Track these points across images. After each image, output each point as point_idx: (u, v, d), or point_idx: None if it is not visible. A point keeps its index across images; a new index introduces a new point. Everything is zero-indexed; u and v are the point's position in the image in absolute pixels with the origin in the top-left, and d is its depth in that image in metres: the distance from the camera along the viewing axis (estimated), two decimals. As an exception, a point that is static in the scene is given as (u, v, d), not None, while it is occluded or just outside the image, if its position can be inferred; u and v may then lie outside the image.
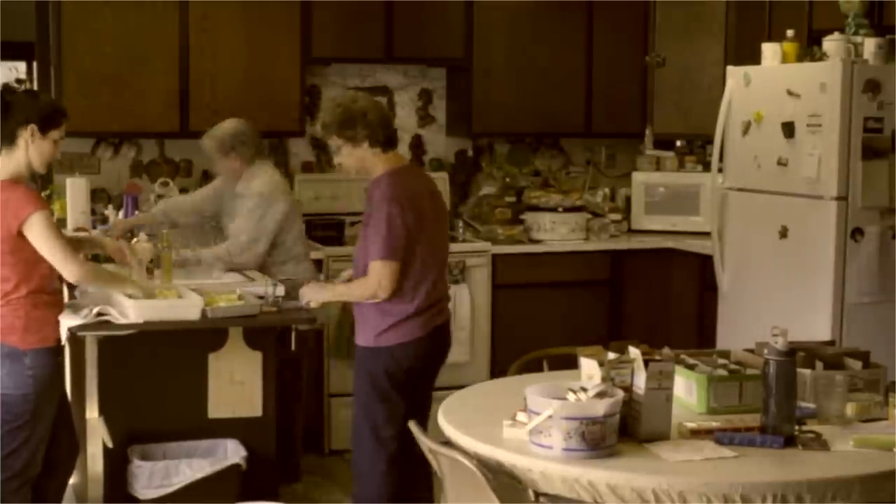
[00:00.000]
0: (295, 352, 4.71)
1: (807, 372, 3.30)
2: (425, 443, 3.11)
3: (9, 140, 3.96)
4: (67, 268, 3.97)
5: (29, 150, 3.97)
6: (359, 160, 4.13)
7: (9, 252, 3.92)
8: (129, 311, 4.18)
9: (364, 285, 4.08)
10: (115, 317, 4.19)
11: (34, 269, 3.96)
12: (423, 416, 4.16)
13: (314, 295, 4.30)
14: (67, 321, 4.11)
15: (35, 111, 3.98)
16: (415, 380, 4.19)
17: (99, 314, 4.18)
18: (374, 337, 4.12)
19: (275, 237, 4.98)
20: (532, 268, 6.17)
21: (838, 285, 5.03)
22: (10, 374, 3.96)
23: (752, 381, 3.25)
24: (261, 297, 4.45)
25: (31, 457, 4.04)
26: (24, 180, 4.03)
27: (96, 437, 4.32)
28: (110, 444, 4.33)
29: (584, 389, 2.99)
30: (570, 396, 2.96)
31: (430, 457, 3.16)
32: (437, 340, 4.22)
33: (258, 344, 4.58)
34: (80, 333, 4.15)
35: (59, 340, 4.08)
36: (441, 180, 6.46)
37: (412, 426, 3.20)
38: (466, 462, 2.92)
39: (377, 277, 4.03)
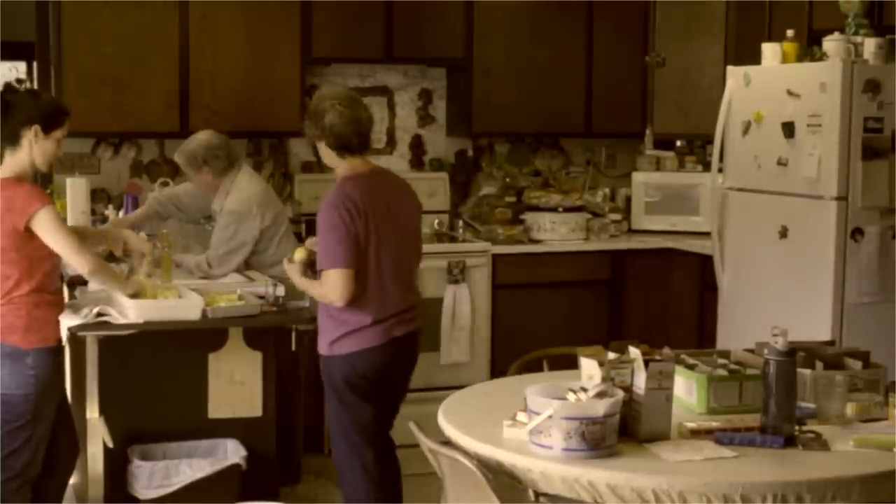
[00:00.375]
0: (294, 351, 4.71)
1: (807, 372, 3.30)
2: (425, 443, 3.11)
3: (12, 140, 3.98)
4: (79, 259, 3.99)
5: (33, 149, 3.99)
6: (324, 155, 4.13)
7: (13, 249, 3.92)
8: (130, 311, 4.18)
9: (321, 292, 4.02)
10: (115, 317, 4.19)
11: (37, 267, 3.97)
12: (389, 424, 4.18)
13: (292, 273, 4.20)
14: (67, 321, 4.11)
15: (38, 111, 4.00)
16: (378, 387, 4.11)
17: (99, 314, 4.19)
18: (329, 345, 4.07)
19: (256, 245, 5.01)
20: (532, 268, 6.17)
21: (838, 285, 5.03)
22: (12, 374, 3.96)
23: (752, 381, 3.25)
24: (261, 297, 4.46)
25: (32, 457, 4.04)
26: (29, 179, 4.04)
27: (96, 437, 4.32)
28: (111, 444, 4.33)
29: (584, 389, 2.99)
30: (570, 396, 2.96)
31: (429, 457, 3.16)
32: (398, 350, 4.11)
33: (258, 344, 4.59)
34: (80, 333, 4.16)
35: (60, 340, 4.08)
36: (441, 180, 6.48)
37: (412, 427, 3.19)
38: (466, 462, 2.92)
39: (331, 286, 3.95)
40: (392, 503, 4.18)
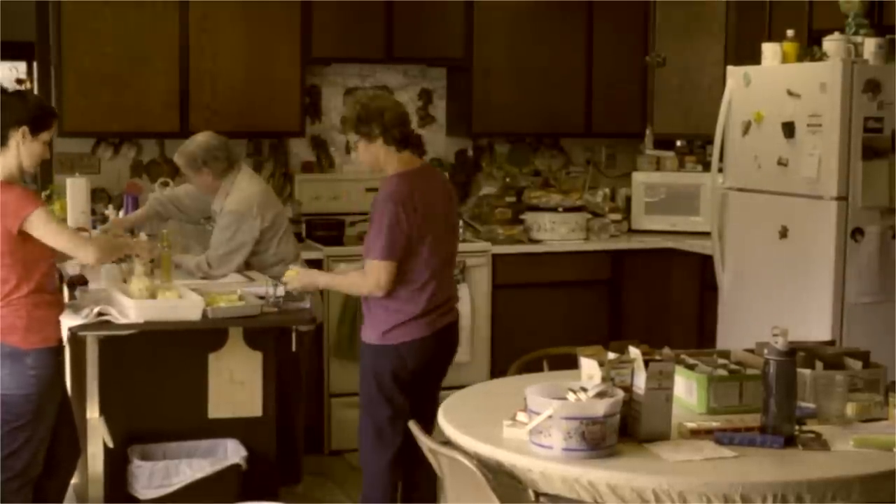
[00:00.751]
0: (295, 352, 4.71)
1: (807, 372, 3.30)
2: (425, 443, 3.11)
3: (2, 142, 3.97)
4: (82, 252, 4.02)
5: (20, 151, 3.98)
6: (373, 156, 4.21)
7: (8, 253, 3.92)
8: (130, 311, 4.18)
9: (360, 281, 4.18)
10: (116, 317, 4.19)
11: (34, 269, 3.97)
12: (428, 417, 4.16)
13: (306, 279, 4.38)
14: (68, 321, 4.11)
15: (26, 113, 3.99)
16: (419, 380, 4.22)
17: (99, 314, 4.18)
18: (382, 335, 4.17)
19: (256, 245, 5.02)
20: (532, 268, 6.17)
21: (838, 285, 5.03)
22: (12, 375, 3.96)
23: (752, 381, 3.25)
24: (261, 298, 4.46)
25: (33, 457, 4.04)
26: (18, 181, 4.03)
27: (97, 437, 4.32)
28: (111, 444, 4.33)
29: (584, 389, 2.99)
30: (570, 396, 2.96)
31: (430, 457, 3.16)
32: (442, 341, 4.26)
33: (258, 344, 4.58)
34: (80, 333, 4.16)
35: (60, 340, 4.08)
36: (441, 180, 6.48)
37: (412, 426, 3.20)
38: (466, 462, 2.92)
39: (375, 276, 4.09)
40: (411, 502, 4.22)
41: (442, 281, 4.22)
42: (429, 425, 4.20)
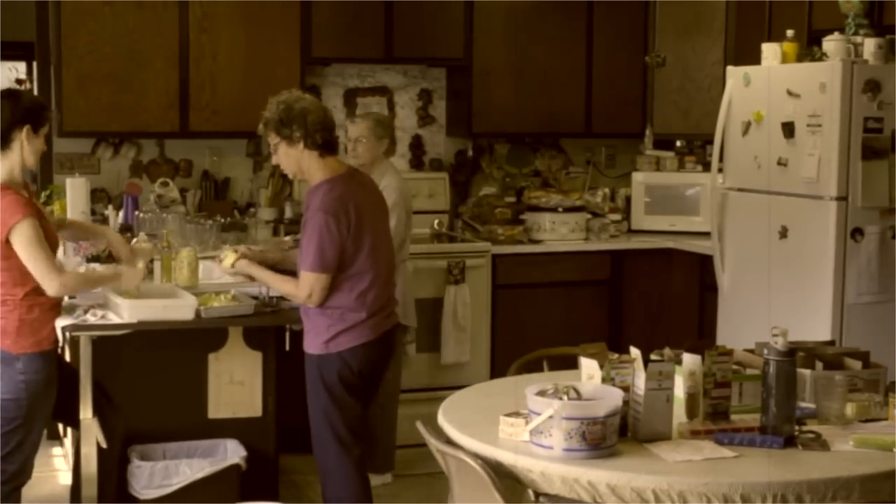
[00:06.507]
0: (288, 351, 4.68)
1: (807, 372, 3.31)
2: (433, 444, 3.11)
3: (5, 143, 3.95)
4: (46, 282, 3.92)
5: (24, 150, 3.95)
6: (295, 162, 4.06)
7: (2, 257, 3.90)
8: (123, 311, 4.16)
9: (294, 291, 4.06)
10: (108, 317, 4.16)
11: (28, 275, 3.93)
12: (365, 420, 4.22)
13: (244, 267, 4.26)
14: (60, 321, 4.08)
15: (25, 111, 3.97)
16: (366, 383, 4.15)
17: (92, 315, 4.16)
18: (324, 343, 4.05)
19: None
20: (532, 268, 6.17)
21: (838, 285, 5.03)
22: (2, 379, 3.93)
23: (752, 381, 3.25)
24: (255, 298, 4.44)
25: (24, 462, 4.03)
26: (16, 184, 3.99)
27: (90, 437, 4.30)
28: (104, 445, 4.31)
29: (576, 390, 2.99)
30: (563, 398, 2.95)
31: (437, 457, 3.16)
32: (385, 345, 4.17)
33: (258, 344, 4.59)
34: (72, 334, 4.12)
35: (55, 343, 4.05)
36: (441, 180, 6.48)
37: (419, 427, 3.18)
38: (473, 463, 2.92)
39: (308, 288, 3.99)
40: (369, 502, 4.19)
41: (381, 286, 4.11)
42: (364, 430, 4.24)
